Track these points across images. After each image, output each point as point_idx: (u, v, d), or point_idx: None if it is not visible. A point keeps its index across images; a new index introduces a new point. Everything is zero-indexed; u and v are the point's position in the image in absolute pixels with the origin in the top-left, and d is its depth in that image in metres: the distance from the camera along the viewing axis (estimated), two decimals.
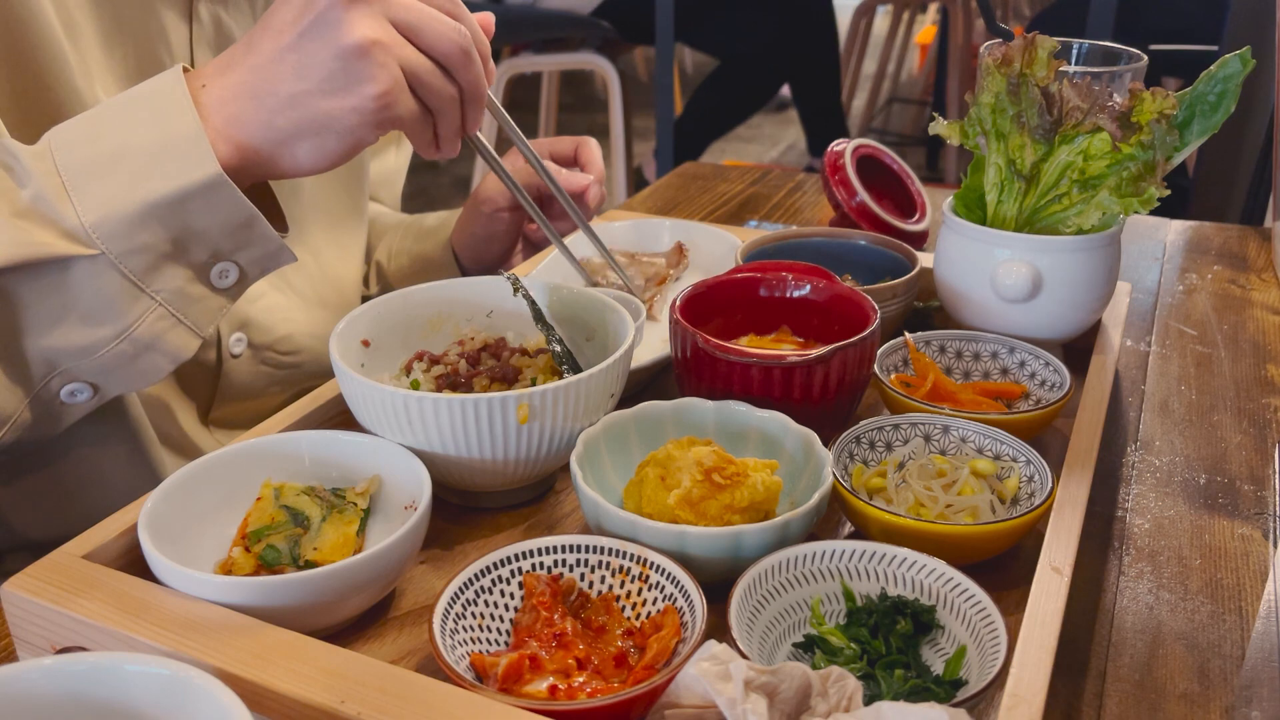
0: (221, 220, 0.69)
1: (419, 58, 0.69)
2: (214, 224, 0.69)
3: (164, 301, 0.70)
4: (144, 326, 0.70)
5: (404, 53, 0.68)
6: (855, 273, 0.98)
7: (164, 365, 0.72)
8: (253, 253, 0.72)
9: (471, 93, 0.72)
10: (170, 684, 0.45)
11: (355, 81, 0.67)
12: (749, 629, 0.58)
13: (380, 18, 0.67)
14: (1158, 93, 0.81)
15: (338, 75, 0.67)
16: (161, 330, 0.70)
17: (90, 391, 0.72)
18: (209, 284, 0.72)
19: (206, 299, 0.72)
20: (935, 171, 3.89)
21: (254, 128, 0.69)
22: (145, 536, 0.60)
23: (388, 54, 0.67)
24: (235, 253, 0.72)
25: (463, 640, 0.58)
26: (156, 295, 0.69)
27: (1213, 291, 1.13)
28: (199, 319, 0.72)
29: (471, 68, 0.71)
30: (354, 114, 0.68)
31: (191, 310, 0.72)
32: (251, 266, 0.73)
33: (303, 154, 0.70)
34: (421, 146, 0.74)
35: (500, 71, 3.09)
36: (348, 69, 0.67)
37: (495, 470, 0.69)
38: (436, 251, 1.09)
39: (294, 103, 0.68)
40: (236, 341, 0.90)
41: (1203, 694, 0.60)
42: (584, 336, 0.81)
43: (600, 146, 1.07)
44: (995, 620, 0.57)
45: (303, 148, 0.69)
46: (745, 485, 0.64)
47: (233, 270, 0.73)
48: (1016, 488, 0.70)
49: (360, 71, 0.66)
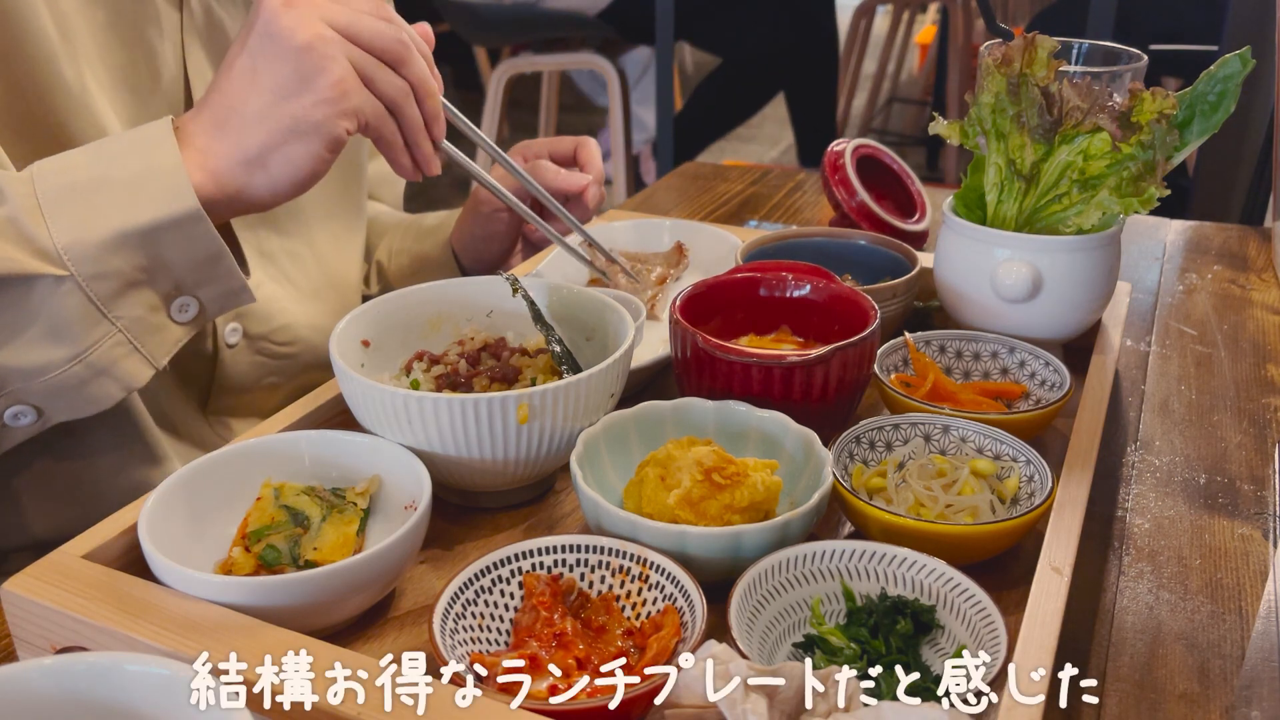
0: (191, 253, 0.71)
1: (362, 53, 0.71)
2: (183, 256, 0.71)
3: (124, 328, 0.71)
4: (100, 351, 0.70)
5: (347, 48, 0.70)
6: (855, 273, 0.97)
7: (114, 393, 0.72)
8: (215, 289, 0.74)
9: (421, 88, 0.74)
10: (170, 684, 0.45)
11: (309, 76, 0.69)
12: (749, 629, 0.58)
13: (316, 19, 0.70)
14: (1158, 93, 0.81)
15: (291, 77, 0.69)
16: (117, 356, 0.71)
17: (34, 415, 0.72)
18: (169, 315, 0.73)
19: (165, 330, 0.73)
20: (935, 171, 3.89)
21: (226, 152, 0.71)
22: (145, 536, 0.60)
23: (333, 46, 0.70)
24: (198, 287, 0.73)
25: (463, 640, 0.58)
26: (117, 321, 0.70)
27: (1213, 291, 1.13)
28: (155, 349, 0.73)
29: (415, 62, 0.73)
30: (316, 108, 0.69)
31: (149, 339, 0.72)
32: (212, 303, 0.75)
33: (277, 170, 0.71)
34: (396, 157, 0.76)
35: (500, 72, 3.09)
36: (299, 68, 0.69)
37: (495, 470, 0.69)
38: (436, 251, 1.09)
39: (259, 118, 0.70)
40: (232, 331, 0.90)
41: (1203, 694, 0.60)
42: (584, 336, 0.81)
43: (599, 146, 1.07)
44: (995, 620, 0.57)
45: (276, 162, 0.71)
46: (745, 485, 0.64)
47: (193, 305, 0.74)
48: (1016, 488, 0.70)
49: (311, 65, 0.69)
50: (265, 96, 0.70)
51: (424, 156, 0.77)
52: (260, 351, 0.94)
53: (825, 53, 3.19)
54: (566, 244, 0.91)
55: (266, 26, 0.70)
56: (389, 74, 0.72)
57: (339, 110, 0.70)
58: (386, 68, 0.72)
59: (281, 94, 0.70)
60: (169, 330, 0.74)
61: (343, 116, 0.70)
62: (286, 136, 0.70)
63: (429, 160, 0.77)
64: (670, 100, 2.56)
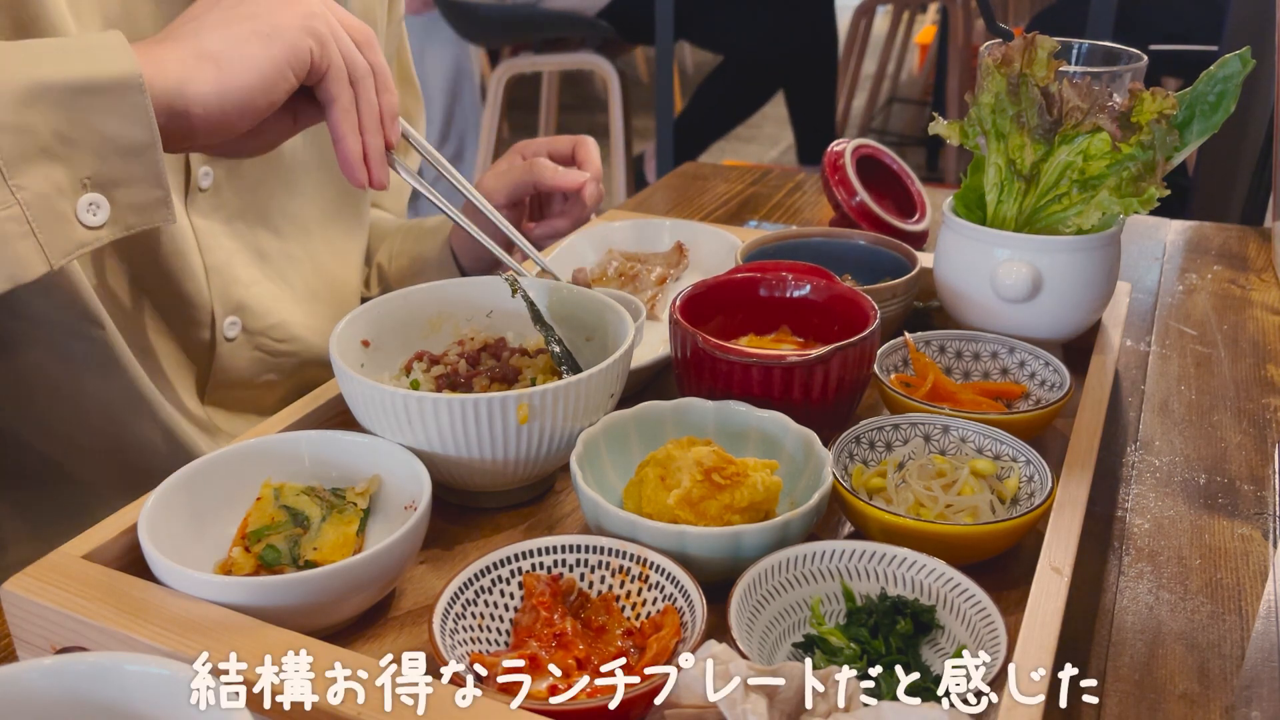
0: (118, 129, 0.64)
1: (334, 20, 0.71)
2: (109, 129, 0.64)
3: (23, 201, 0.62)
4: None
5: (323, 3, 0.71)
6: (855, 273, 0.97)
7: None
8: (133, 193, 0.67)
9: (382, 79, 0.73)
10: (170, 684, 0.45)
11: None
12: (749, 629, 0.58)
13: None
14: (1158, 93, 0.81)
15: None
16: (9, 235, 0.62)
17: None
18: (74, 210, 0.65)
19: (69, 223, 0.65)
20: (935, 171, 3.89)
21: (175, 47, 0.67)
22: (145, 536, 0.60)
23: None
24: (116, 185, 0.66)
25: (463, 640, 0.58)
26: (17, 191, 0.62)
27: (1213, 291, 1.13)
28: (53, 241, 0.64)
29: (379, 54, 0.73)
30: (286, 14, 0.68)
31: (49, 228, 0.64)
32: (125, 210, 0.67)
33: (230, 67, 0.67)
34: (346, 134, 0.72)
35: (500, 72, 3.09)
36: None
37: (495, 470, 0.69)
38: (435, 252, 1.09)
39: (221, 21, 0.68)
40: (231, 325, 0.90)
41: (1203, 694, 0.60)
42: (583, 337, 0.81)
43: (599, 146, 1.08)
44: (995, 620, 0.57)
45: (230, 59, 0.67)
46: (745, 485, 0.64)
47: (104, 206, 0.66)
48: (1016, 488, 0.70)
49: None
50: (231, 6, 0.68)
51: (375, 151, 0.73)
52: (259, 347, 0.94)
53: (825, 52, 3.19)
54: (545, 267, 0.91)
55: None
56: (354, 49, 0.72)
57: (307, 26, 0.68)
58: (353, 45, 0.72)
59: (251, 3, 0.68)
60: (72, 226, 0.65)
61: (309, 34, 0.69)
62: (248, 36, 0.67)
63: (379, 159, 0.73)
64: (670, 100, 2.56)
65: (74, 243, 0.66)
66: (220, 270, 0.89)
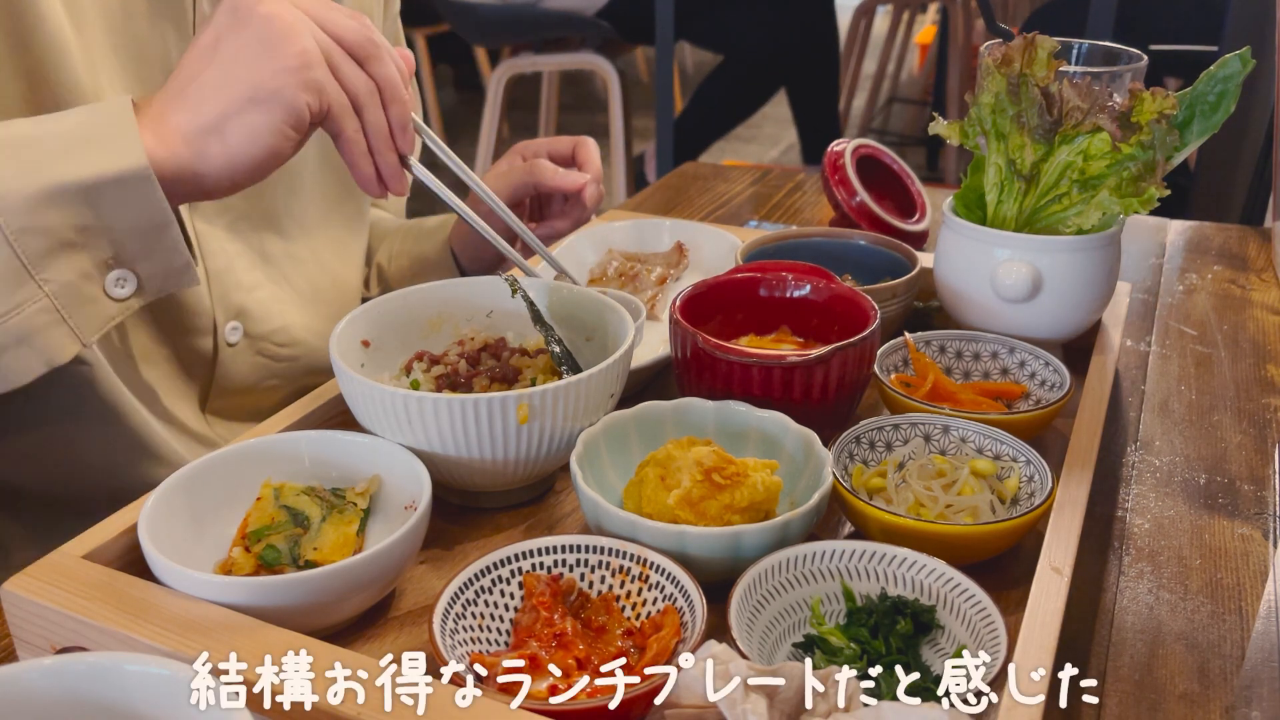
0: (134, 218, 0.67)
1: (329, 40, 0.69)
2: (125, 221, 0.67)
3: (51, 293, 0.66)
4: (23, 316, 0.65)
5: (314, 29, 0.68)
6: (855, 273, 0.97)
7: (34, 366, 0.67)
8: (156, 263, 0.69)
9: (389, 90, 0.71)
10: (170, 684, 0.45)
11: (273, 42, 0.66)
12: (749, 629, 0.58)
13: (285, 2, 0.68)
14: (1158, 93, 0.81)
15: (253, 43, 0.66)
16: (41, 325, 0.66)
17: None
18: (104, 288, 0.68)
19: (98, 303, 0.68)
20: (935, 171, 3.89)
21: (182, 119, 0.67)
22: (145, 536, 0.60)
23: (299, 22, 0.67)
24: (138, 259, 0.69)
25: (463, 640, 0.58)
26: (45, 284, 0.65)
27: (1213, 291, 1.13)
28: (84, 323, 0.68)
29: (383, 62, 0.70)
30: (276, 75, 0.66)
31: (79, 311, 0.67)
32: (151, 279, 0.70)
33: (235, 141, 0.67)
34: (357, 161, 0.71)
35: (500, 72, 3.09)
36: (263, 35, 0.66)
37: (495, 470, 0.69)
38: (435, 252, 1.09)
39: (218, 85, 0.67)
40: (232, 330, 0.90)
41: (1203, 694, 0.60)
42: (583, 337, 0.81)
43: (599, 146, 1.08)
44: (995, 620, 0.57)
45: (233, 132, 0.67)
46: (745, 485, 0.64)
47: (131, 280, 0.69)
48: (1016, 488, 0.70)
49: (274, 32, 0.66)
50: (226, 64, 0.67)
51: (388, 167, 0.72)
52: (261, 352, 0.94)
53: (826, 51, 3.19)
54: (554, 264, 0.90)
55: (234, 3, 0.68)
56: (355, 68, 0.69)
57: (300, 80, 0.67)
58: (353, 61, 0.70)
59: (242, 60, 0.67)
60: (102, 304, 0.68)
61: (304, 88, 0.67)
62: (245, 104, 0.67)
63: (394, 173, 0.73)
64: (670, 100, 2.56)
65: (105, 318, 0.69)
66: (221, 275, 0.89)
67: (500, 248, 0.82)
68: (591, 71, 3.10)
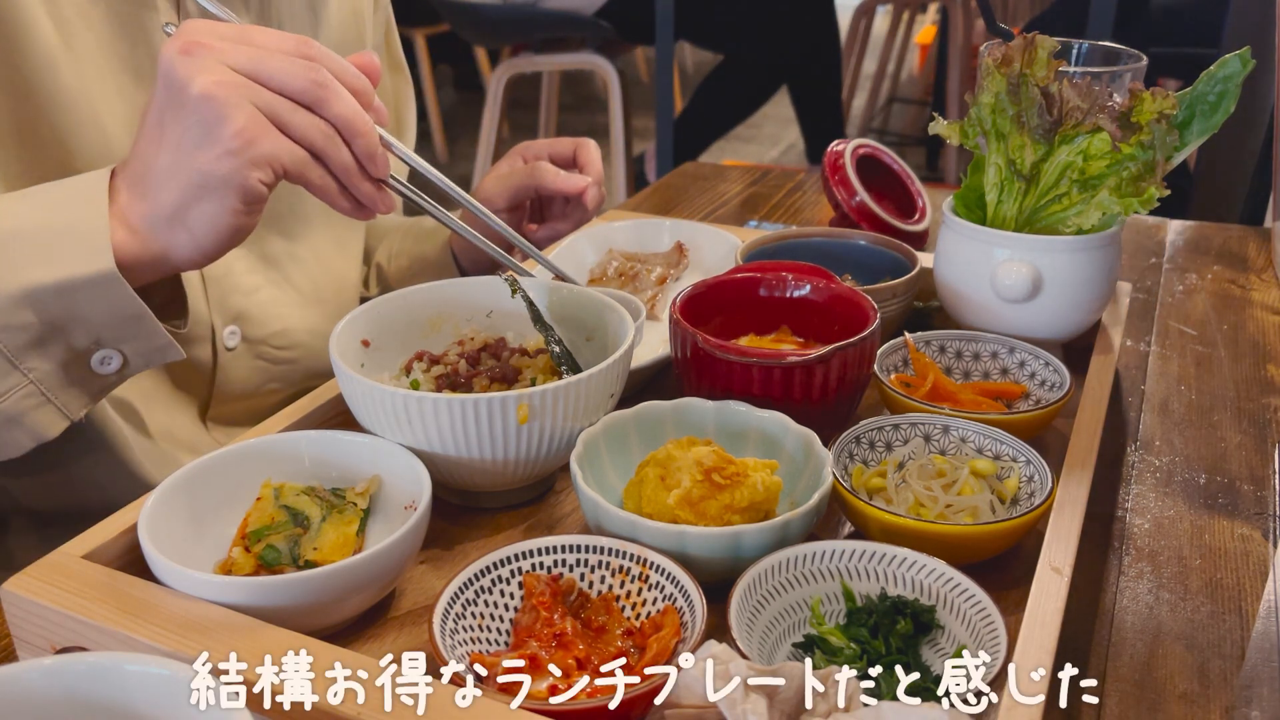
0: (108, 312, 0.68)
1: (272, 96, 0.65)
2: (100, 314, 0.68)
3: (35, 380, 0.68)
4: (10, 402, 0.68)
5: (253, 92, 0.65)
6: (855, 273, 0.97)
7: (24, 443, 0.70)
8: (138, 345, 0.71)
9: (347, 128, 0.67)
10: (170, 684, 0.45)
11: (211, 125, 0.64)
12: (749, 629, 0.58)
13: (215, 64, 0.64)
14: (1158, 93, 0.81)
15: (194, 128, 0.64)
16: (28, 408, 0.69)
17: None
18: (89, 368, 0.70)
19: (85, 382, 0.71)
20: (935, 171, 3.89)
21: (145, 211, 0.67)
22: (145, 536, 0.60)
23: (234, 92, 0.64)
24: (120, 342, 0.70)
25: (463, 640, 0.58)
26: (29, 373, 0.68)
27: (1213, 291, 1.13)
28: (71, 402, 0.71)
29: (336, 102, 0.66)
30: (221, 160, 0.64)
31: (64, 392, 0.70)
32: (136, 357, 0.71)
33: (199, 228, 0.67)
34: (333, 201, 0.70)
35: (500, 72, 3.09)
36: (201, 118, 0.64)
37: (495, 470, 0.69)
38: (435, 253, 1.09)
39: (169, 174, 0.66)
40: (230, 334, 0.90)
41: (1203, 694, 0.60)
42: (583, 337, 0.81)
43: (600, 147, 1.07)
44: (995, 620, 0.57)
45: (195, 220, 0.67)
46: (745, 485, 0.64)
47: (115, 358, 0.71)
48: (1016, 488, 0.70)
49: (211, 114, 0.64)
50: (172, 151, 0.65)
51: (366, 196, 0.70)
52: (260, 356, 0.93)
53: (827, 50, 3.19)
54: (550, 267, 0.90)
55: (166, 77, 0.65)
56: (305, 116, 0.66)
57: (246, 160, 0.64)
58: (302, 109, 0.66)
59: (186, 148, 0.65)
60: (89, 382, 0.71)
61: (252, 167, 0.65)
62: (197, 193, 0.65)
63: (373, 200, 0.70)
64: (670, 100, 2.56)
65: (92, 393, 0.72)
66: (219, 281, 0.89)
67: (493, 253, 0.82)
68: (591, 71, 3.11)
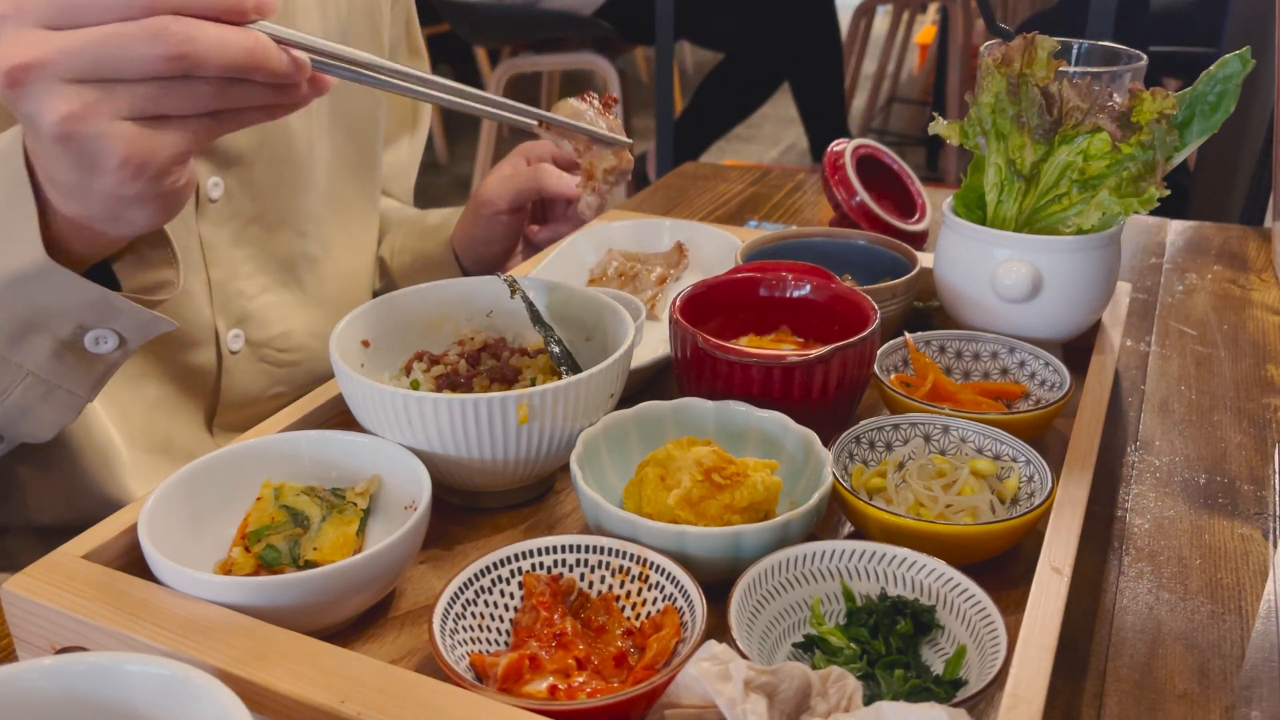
0: (69, 299, 0.65)
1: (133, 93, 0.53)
2: (63, 302, 0.64)
3: (32, 371, 0.67)
4: (16, 395, 0.68)
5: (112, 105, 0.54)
6: (855, 273, 0.98)
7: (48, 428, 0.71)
8: (123, 322, 0.67)
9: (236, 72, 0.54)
10: (170, 684, 0.45)
11: (92, 167, 0.56)
12: (749, 629, 0.58)
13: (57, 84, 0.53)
14: (1158, 93, 0.81)
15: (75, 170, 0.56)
16: (36, 397, 0.69)
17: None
18: (84, 351, 0.68)
19: (87, 364, 0.69)
20: (935, 171, 3.89)
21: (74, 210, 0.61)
22: (145, 536, 0.60)
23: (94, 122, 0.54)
24: (104, 323, 0.67)
25: (463, 640, 0.58)
26: (23, 365, 0.67)
27: (1213, 291, 1.13)
28: (78, 384, 0.69)
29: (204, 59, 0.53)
30: (124, 186, 0.56)
31: (68, 377, 0.68)
32: (129, 333, 0.68)
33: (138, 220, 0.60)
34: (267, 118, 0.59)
35: (500, 72, 3.09)
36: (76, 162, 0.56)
37: (495, 470, 0.69)
38: (437, 250, 1.09)
39: (79, 194, 0.59)
40: (234, 338, 0.90)
41: (1203, 694, 0.60)
42: (583, 336, 0.81)
43: None
44: (995, 620, 0.57)
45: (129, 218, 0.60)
46: (745, 485, 0.64)
47: (110, 336, 0.68)
48: (1016, 488, 0.70)
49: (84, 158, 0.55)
50: (71, 183, 0.58)
51: (302, 98, 0.59)
52: (263, 359, 0.93)
53: (828, 50, 3.19)
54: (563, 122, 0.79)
55: (26, 119, 0.56)
56: (181, 93, 0.54)
57: (148, 179, 0.56)
58: (175, 83, 0.53)
59: (83, 181, 0.57)
60: (90, 363, 0.69)
61: (158, 179, 0.56)
62: (118, 206, 0.58)
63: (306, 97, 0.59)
64: (670, 100, 2.56)
65: (97, 374, 0.70)
66: (223, 284, 0.89)
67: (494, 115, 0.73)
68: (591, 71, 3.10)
